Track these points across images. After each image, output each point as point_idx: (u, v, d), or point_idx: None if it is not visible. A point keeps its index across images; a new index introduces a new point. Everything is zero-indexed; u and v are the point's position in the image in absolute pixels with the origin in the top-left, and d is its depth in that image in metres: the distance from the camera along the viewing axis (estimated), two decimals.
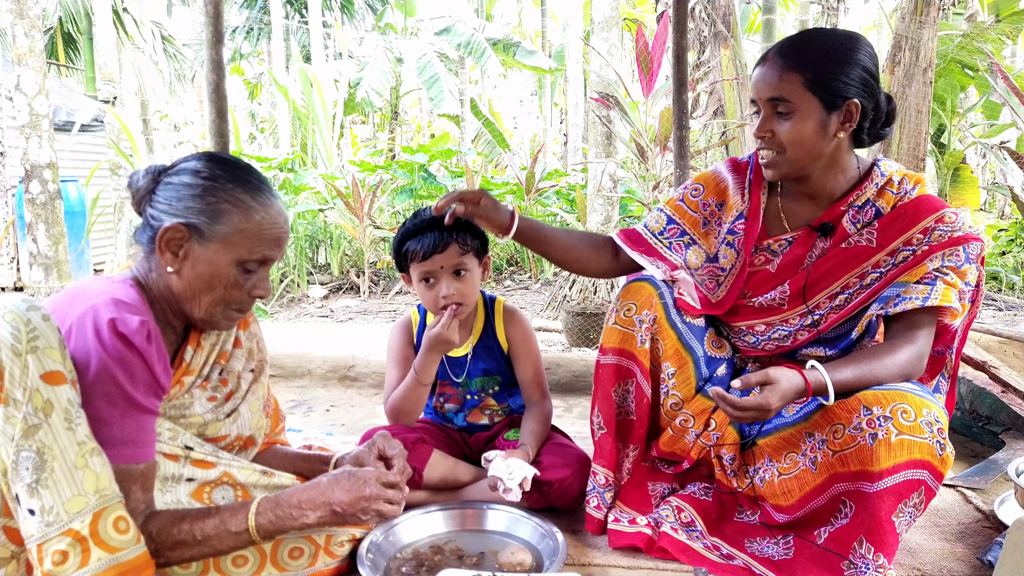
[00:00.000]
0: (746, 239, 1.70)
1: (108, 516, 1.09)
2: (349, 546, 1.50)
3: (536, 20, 19.30)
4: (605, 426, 1.69)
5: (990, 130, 7.49)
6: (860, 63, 1.52)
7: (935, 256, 1.51)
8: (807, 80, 1.50)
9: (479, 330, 1.96)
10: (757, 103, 1.57)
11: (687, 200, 1.79)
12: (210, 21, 2.83)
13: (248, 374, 1.49)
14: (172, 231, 1.25)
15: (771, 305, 1.67)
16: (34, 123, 6.26)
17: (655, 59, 4.88)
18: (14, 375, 1.03)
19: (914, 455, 1.34)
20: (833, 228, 1.61)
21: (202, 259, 1.26)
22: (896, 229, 1.55)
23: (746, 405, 1.39)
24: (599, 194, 5.77)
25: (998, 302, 5.28)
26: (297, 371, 3.57)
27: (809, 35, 1.62)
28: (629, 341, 1.67)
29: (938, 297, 1.48)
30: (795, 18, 10.67)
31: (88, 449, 1.08)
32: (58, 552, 1.04)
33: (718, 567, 1.51)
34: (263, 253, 1.30)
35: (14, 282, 7.54)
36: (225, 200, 1.26)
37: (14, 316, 1.05)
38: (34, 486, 1.04)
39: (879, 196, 1.60)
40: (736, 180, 1.75)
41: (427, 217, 1.82)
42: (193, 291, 1.28)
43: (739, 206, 1.72)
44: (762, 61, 1.58)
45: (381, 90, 12.88)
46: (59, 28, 13.16)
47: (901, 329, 1.52)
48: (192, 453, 1.33)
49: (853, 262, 1.58)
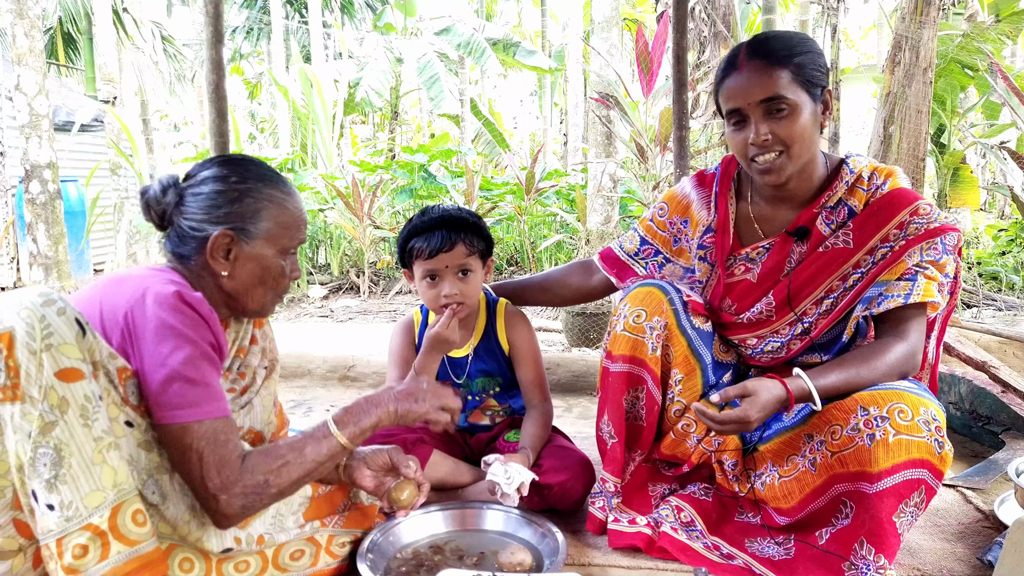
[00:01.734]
0: (718, 251, 1.70)
1: (126, 510, 1.11)
2: (350, 546, 1.51)
3: (536, 20, 19.29)
4: (616, 435, 1.68)
5: (990, 130, 7.48)
6: (820, 51, 1.54)
7: (913, 251, 1.50)
8: (793, 74, 1.49)
9: (481, 331, 1.96)
10: (743, 111, 1.52)
11: (656, 220, 1.84)
12: (210, 21, 2.83)
13: (262, 371, 1.51)
14: (221, 238, 1.31)
15: (759, 319, 1.67)
16: (34, 123, 6.26)
17: (655, 59, 4.88)
18: (30, 373, 1.05)
19: (912, 455, 1.34)
20: (808, 232, 1.60)
21: (252, 258, 1.35)
22: (871, 227, 1.55)
23: (726, 419, 1.39)
24: (599, 194, 5.77)
25: (998, 302, 5.27)
26: (297, 371, 3.57)
27: (772, 34, 1.59)
28: (640, 348, 1.65)
29: (920, 293, 1.48)
30: (795, 18, 10.67)
31: (105, 444, 1.10)
32: (79, 546, 1.06)
33: (718, 567, 1.51)
34: (299, 237, 1.41)
35: (14, 282, 7.54)
36: (261, 199, 1.35)
37: (29, 312, 1.06)
38: (52, 482, 1.05)
39: (850, 194, 1.58)
40: (701, 194, 1.76)
41: (435, 215, 1.82)
42: (246, 287, 1.37)
43: (705, 220, 1.73)
44: (735, 68, 1.53)
45: (381, 90, 12.87)
46: (59, 28, 13.15)
47: (890, 327, 1.51)
48: None
49: (833, 265, 1.57)
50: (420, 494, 1.52)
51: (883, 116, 4.29)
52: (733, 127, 1.56)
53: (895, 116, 4.23)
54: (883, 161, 4.31)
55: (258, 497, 1.22)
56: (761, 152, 1.53)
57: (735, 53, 1.55)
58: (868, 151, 4.49)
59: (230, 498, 1.20)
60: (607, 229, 5.77)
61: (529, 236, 7.37)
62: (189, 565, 1.27)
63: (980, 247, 7.10)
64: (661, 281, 1.73)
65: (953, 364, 2.54)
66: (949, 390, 2.47)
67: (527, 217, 7.28)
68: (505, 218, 7.59)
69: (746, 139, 1.53)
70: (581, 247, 5.88)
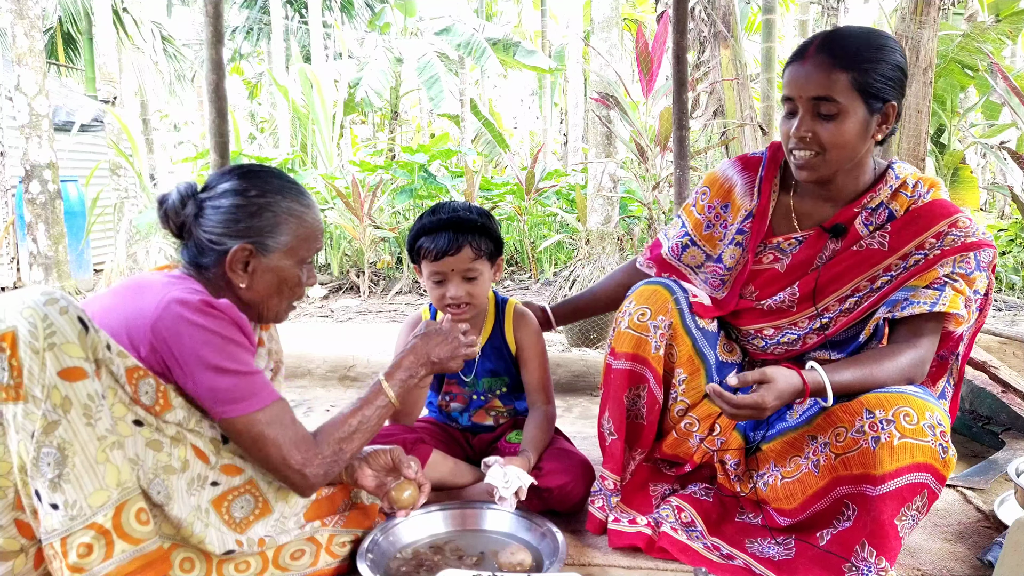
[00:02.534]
0: (752, 236, 1.68)
1: (130, 508, 1.11)
2: (350, 546, 1.51)
3: (536, 20, 19.30)
4: (616, 432, 1.68)
5: (990, 130, 7.48)
6: (898, 63, 1.49)
7: (946, 261, 1.49)
8: (854, 80, 1.44)
9: (488, 331, 1.96)
10: (795, 101, 1.50)
11: (697, 205, 1.79)
12: (210, 21, 2.83)
13: (268, 372, 1.52)
14: (240, 252, 1.33)
15: (779, 308, 1.66)
16: (34, 123, 6.26)
17: (655, 59, 4.88)
18: (33, 372, 1.05)
19: (916, 458, 1.34)
20: (845, 230, 1.59)
21: (270, 269, 1.38)
22: (909, 233, 1.53)
23: (742, 403, 1.37)
24: (599, 194, 5.77)
25: (998, 302, 5.28)
26: (297, 371, 3.57)
27: (851, 33, 1.53)
28: (643, 346, 1.65)
29: (946, 303, 1.47)
30: (795, 18, 10.67)
31: (109, 443, 1.10)
32: (83, 545, 1.06)
33: (718, 567, 1.51)
34: (316, 247, 1.44)
35: (14, 282, 7.54)
36: (280, 213, 1.37)
37: (32, 312, 1.06)
38: (56, 481, 1.05)
39: (893, 198, 1.57)
40: (746, 179, 1.71)
41: (444, 215, 1.80)
42: (263, 297, 1.40)
43: (748, 206, 1.69)
44: (801, 57, 1.50)
45: (381, 90, 12.86)
46: (59, 28, 13.14)
47: (905, 333, 1.51)
48: (221, 456, 1.33)
49: (864, 265, 1.56)
50: (421, 495, 1.53)
51: None
52: (785, 114, 1.55)
53: None
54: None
55: (336, 462, 1.35)
56: (799, 147, 1.51)
57: (809, 42, 1.52)
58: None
59: (315, 469, 1.31)
60: (607, 229, 5.77)
61: (529, 236, 7.37)
62: (190, 565, 1.27)
63: None
64: (668, 280, 1.72)
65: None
66: None
67: (527, 217, 7.28)
68: (505, 218, 7.59)
69: (790, 129, 1.52)
70: (581, 247, 5.88)
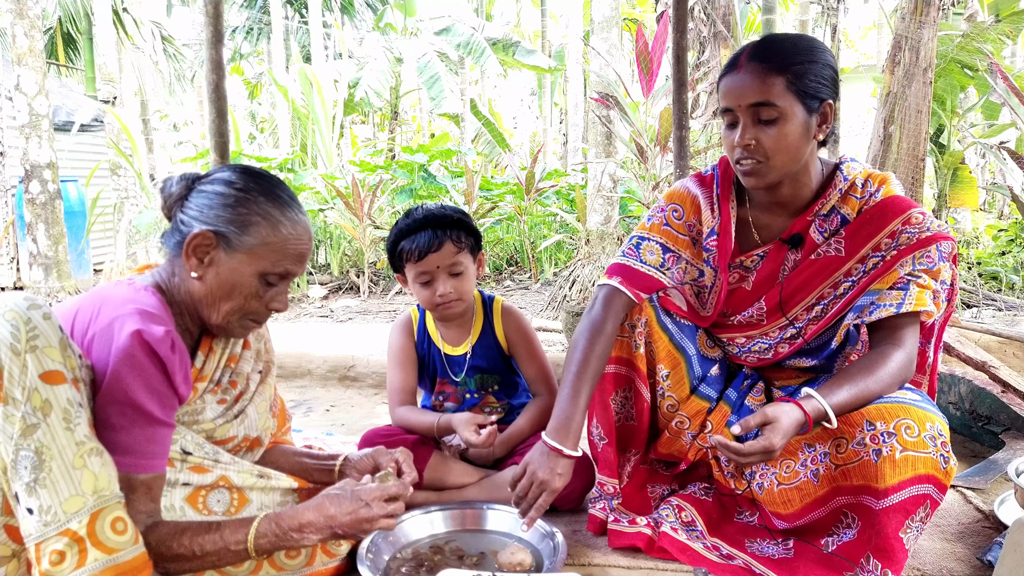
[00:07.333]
0: (720, 256, 1.65)
1: (106, 517, 1.09)
2: (347, 546, 1.50)
3: (536, 20, 19.29)
4: (606, 436, 1.69)
5: (990, 130, 7.47)
6: (828, 62, 1.50)
7: (905, 261, 1.49)
8: (789, 83, 1.45)
9: (478, 329, 1.96)
10: (734, 111, 1.50)
11: (672, 223, 1.68)
12: (210, 21, 2.83)
13: (256, 375, 1.51)
14: (200, 237, 1.28)
15: (750, 321, 1.66)
16: (34, 123, 6.26)
17: (655, 59, 4.88)
18: (13, 374, 1.03)
19: (919, 471, 1.34)
20: (802, 239, 1.59)
21: (226, 267, 1.29)
22: (863, 236, 1.53)
23: (751, 451, 1.35)
24: (599, 194, 5.77)
25: (998, 302, 5.27)
26: (297, 371, 3.57)
27: (779, 39, 1.55)
28: (625, 348, 1.67)
29: (912, 302, 1.46)
30: (795, 18, 10.67)
31: (87, 449, 1.08)
32: (55, 552, 1.04)
33: (718, 567, 1.51)
34: (286, 267, 1.33)
35: (14, 282, 7.54)
36: (255, 212, 1.30)
37: (14, 315, 1.05)
38: (32, 485, 1.04)
39: (843, 202, 1.56)
40: (704, 195, 1.68)
41: (419, 216, 1.83)
42: (213, 297, 1.31)
43: (710, 222, 1.67)
44: (734, 67, 1.51)
45: (381, 90, 12.86)
46: (59, 28, 13.14)
47: (886, 334, 1.50)
48: (190, 458, 1.33)
49: (824, 273, 1.56)
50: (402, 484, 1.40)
51: (883, 116, 4.29)
52: (726, 126, 1.54)
53: (895, 116, 4.23)
54: (883, 161, 4.31)
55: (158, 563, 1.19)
56: (744, 155, 1.51)
57: (739, 53, 1.53)
58: (868, 151, 4.49)
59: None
60: (607, 229, 5.77)
61: (529, 236, 7.37)
62: None
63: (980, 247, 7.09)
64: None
65: (953, 364, 2.54)
66: (949, 390, 2.46)
67: (527, 217, 7.28)
68: (505, 218, 7.59)
69: (734, 140, 1.51)
70: (581, 247, 5.88)
